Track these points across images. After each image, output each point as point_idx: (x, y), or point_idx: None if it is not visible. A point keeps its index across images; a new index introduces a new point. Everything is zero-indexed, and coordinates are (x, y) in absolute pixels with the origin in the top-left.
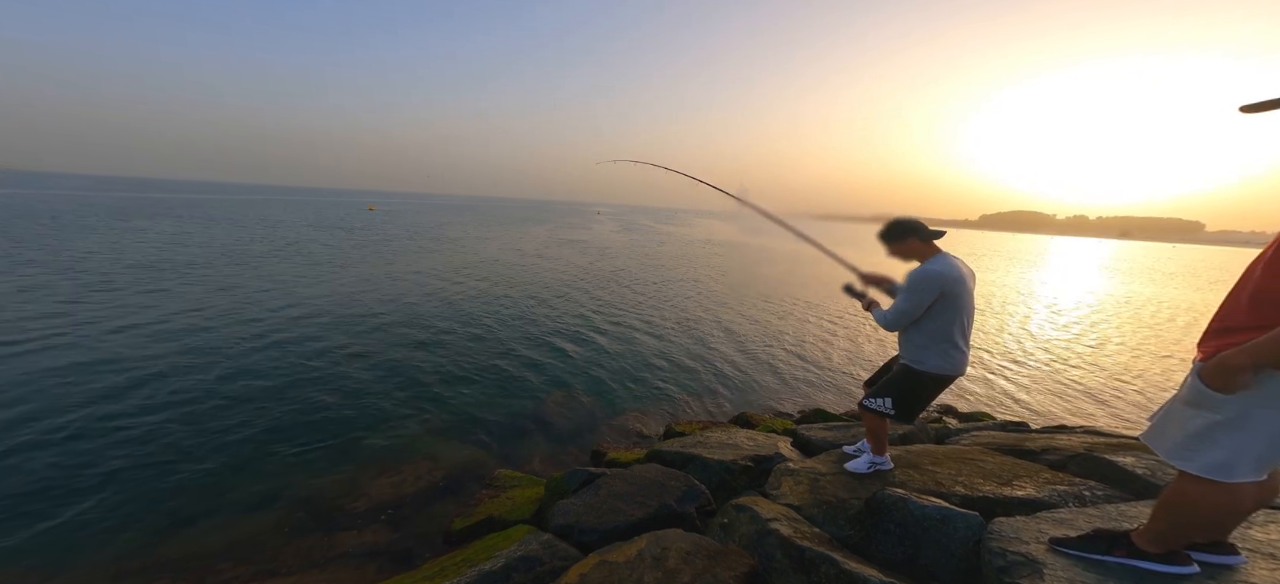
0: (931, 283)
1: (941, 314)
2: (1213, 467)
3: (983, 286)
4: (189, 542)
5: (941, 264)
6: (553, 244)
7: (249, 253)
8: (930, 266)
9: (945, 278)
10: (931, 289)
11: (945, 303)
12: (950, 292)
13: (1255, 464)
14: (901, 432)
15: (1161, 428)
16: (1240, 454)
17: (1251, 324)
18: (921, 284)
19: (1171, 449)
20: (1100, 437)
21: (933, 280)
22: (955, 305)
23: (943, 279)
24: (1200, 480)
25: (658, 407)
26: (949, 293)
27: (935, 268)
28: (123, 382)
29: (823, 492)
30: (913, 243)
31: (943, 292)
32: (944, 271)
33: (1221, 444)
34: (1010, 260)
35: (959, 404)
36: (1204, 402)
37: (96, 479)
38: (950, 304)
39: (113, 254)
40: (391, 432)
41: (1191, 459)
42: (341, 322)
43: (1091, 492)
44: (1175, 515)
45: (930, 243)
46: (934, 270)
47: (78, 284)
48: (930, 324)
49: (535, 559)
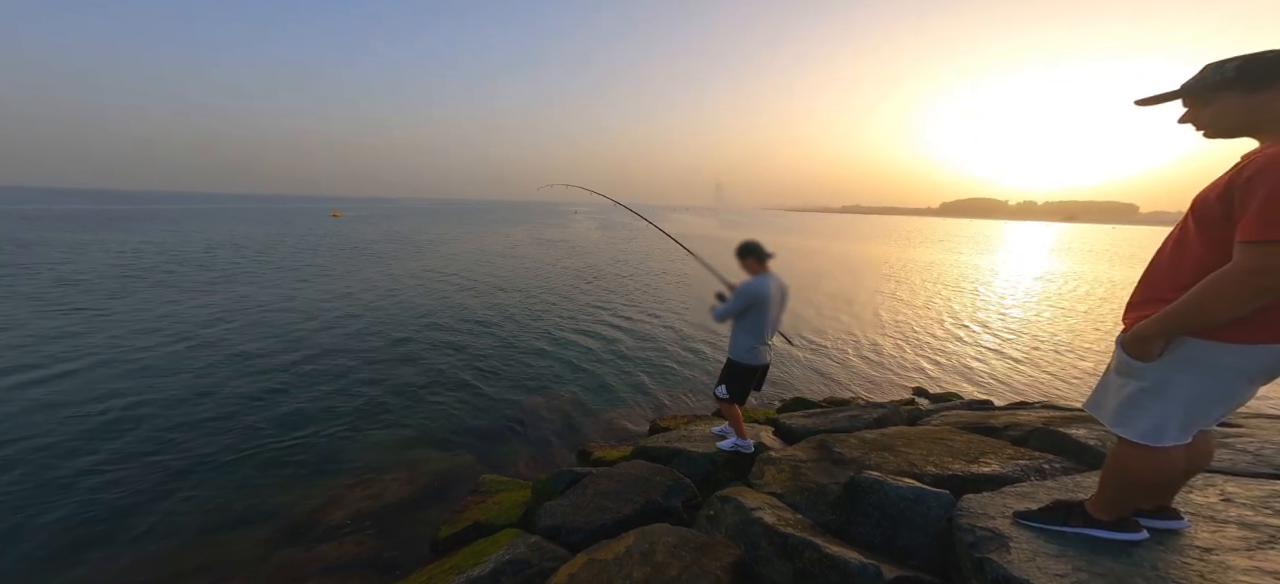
0: (745, 293)
1: (752, 318)
2: (1144, 432)
3: (947, 272)
4: (164, 559)
5: (758, 281)
6: (530, 244)
7: (213, 263)
8: (750, 282)
9: (759, 293)
10: (745, 298)
11: (755, 310)
12: (760, 301)
13: (1180, 427)
14: (876, 416)
15: (1100, 398)
16: (1166, 418)
17: (1167, 295)
18: (740, 293)
19: (1110, 417)
20: (1056, 410)
21: (747, 292)
22: (762, 313)
23: (756, 293)
24: (1134, 446)
25: (642, 404)
26: (758, 304)
27: (752, 284)
28: (92, 397)
29: (804, 478)
30: (750, 262)
31: (755, 302)
32: (759, 288)
33: (1148, 410)
34: (968, 245)
35: (929, 386)
36: (1128, 370)
37: (69, 497)
38: (759, 312)
39: (64, 267)
40: (371, 441)
41: (1127, 426)
42: (313, 332)
43: (1050, 464)
44: (1118, 482)
45: (762, 263)
46: (750, 285)
47: (39, 299)
48: (743, 324)
49: (524, 562)
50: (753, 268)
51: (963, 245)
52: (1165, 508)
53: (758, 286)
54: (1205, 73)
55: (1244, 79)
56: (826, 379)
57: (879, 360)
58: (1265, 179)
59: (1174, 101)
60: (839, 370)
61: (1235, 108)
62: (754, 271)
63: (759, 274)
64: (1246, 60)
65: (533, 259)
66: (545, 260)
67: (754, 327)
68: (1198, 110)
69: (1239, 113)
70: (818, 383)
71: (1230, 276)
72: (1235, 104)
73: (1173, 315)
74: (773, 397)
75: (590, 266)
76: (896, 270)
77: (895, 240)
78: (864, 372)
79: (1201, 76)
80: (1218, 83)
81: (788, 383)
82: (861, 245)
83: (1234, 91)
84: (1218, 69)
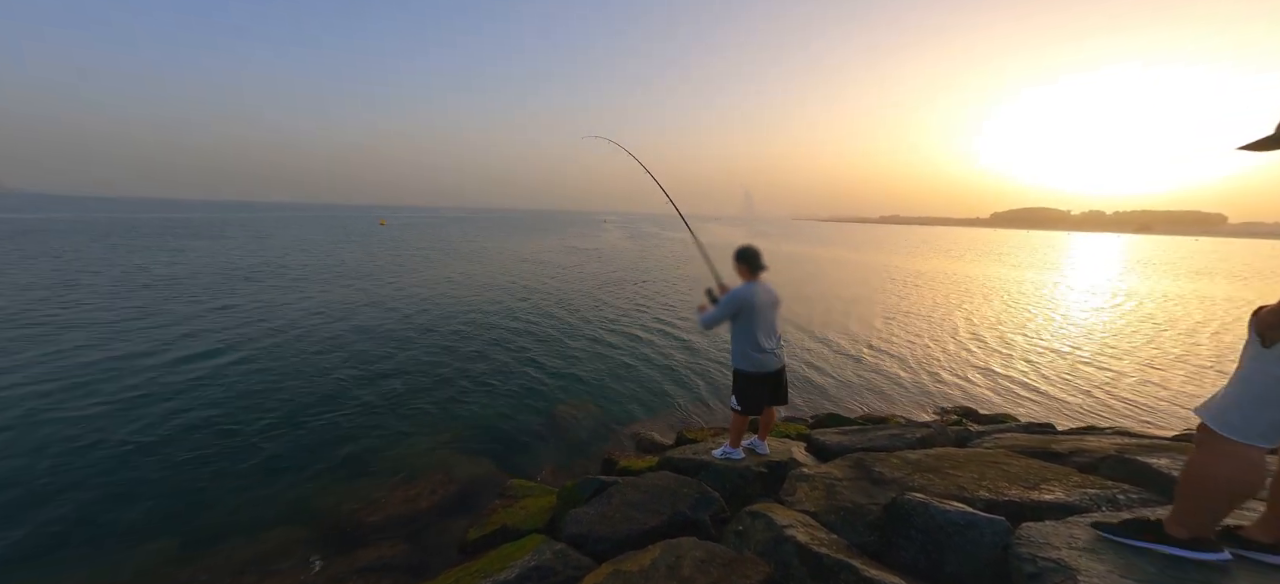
0: (733, 301)
1: (742, 325)
2: (1229, 426)
3: (1000, 285)
4: (214, 554)
5: (747, 289)
6: (562, 252)
7: (263, 270)
8: (739, 289)
9: (744, 299)
10: (733, 305)
11: (745, 318)
12: (746, 309)
13: (1268, 429)
14: (920, 435)
15: (1209, 399)
16: (1256, 416)
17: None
18: (727, 300)
19: (1209, 412)
20: (1132, 438)
21: (734, 299)
22: (750, 319)
23: (741, 300)
24: (1215, 448)
25: (669, 414)
26: (745, 310)
27: (737, 292)
28: (136, 397)
29: (840, 497)
30: (742, 268)
31: (740, 308)
32: (744, 295)
33: (1241, 406)
34: (1026, 258)
35: (979, 406)
36: (1245, 360)
37: (121, 491)
38: (747, 318)
39: (125, 273)
40: (407, 444)
41: (1217, 418)
42: (356, 337)
43: (1125, 495)
44: (1197, 490)
45: (753, 272)
46: (737, 292)
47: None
48: (736, 334)
49: (548, 569)
50: (743, 274)
51: (1021, 258)
52: None
53: (742, 294)
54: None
55: None
56: (864, 395)
57: (922, 377)
58: None
59: None
60: (878, 387)
61: None
62: (744, 277)
63: (747, 282)
64: None
65: (564, 267)
66: (576, 268)
67: (746, 333)
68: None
69: None
70: (853, 399)
71: None
72: None
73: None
74: (805, 411)
75: (620, 275)
76: (940, 283)
77: (941, 252)
78: (906, 389)
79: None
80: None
81: (821, 398)
82: (903, 258)
83: None
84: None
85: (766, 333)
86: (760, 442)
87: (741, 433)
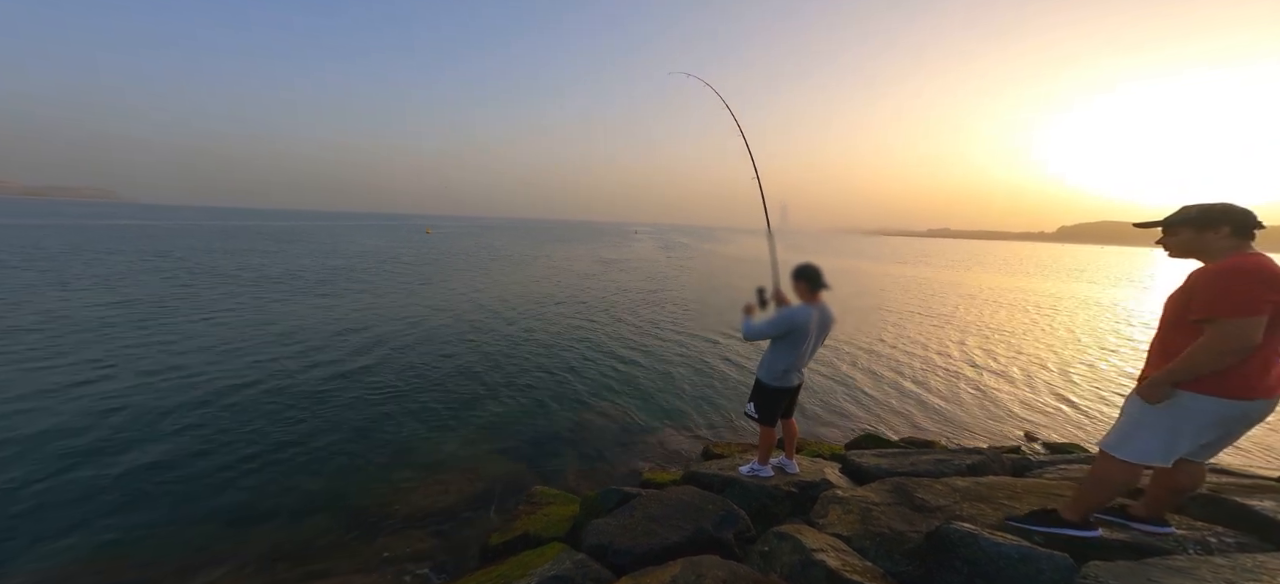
0: (785, 319)
1: (788, 344)
2: (1134, 453)
3: (1072, 304)
4: (252, 540)
5: (801, 310)
6: (594, 262)
7: (322, 272)
8: (792, 309)
9: (797, 322)
10: (785, 325)
11: (793, 338)
12: (798, 331)
13: (1162, 453)
14: (970, 462)
15: (1107, 433)
16: (1152, 445)
17: (1164, 363)
18: (779, 318)
19: (1111, 443)
20: (1228, 476)
21: (787, 318)
22: (799, 341)
23: (793, 321)
24: (1119, 462)
25: (695, 427)
26: (797, 332)
27: (794, 312)
28: (190, 387)
29: (876, 522)
30: (801, 286)
31: (793, 328)
32: (800, 317)
33: (1140, 439)
34: (1103, 275)
35: (1042, 434)
36: (1135, 408)
37: (165, 478)
38: (796, 339)
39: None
40: (438, 442)
41: (1122, 449)
42: (396, 336)
43: (1219, 538)
44: (1098, 489)
45: (814, 292)
46: (791, 312)
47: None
48: (778, 348)
49: (567, 579)
50: (803, 293)
51: (1096, 275)
52: (1157, 517)
53: (798, 315)
54: (1180, 212)
55: (1196, 222)
56: (906, 416)
57: (975, 400)
58: (1202, 283)
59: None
60: (923, 407)
61: (1188, 241)
62: (803, 297)
63: (806, 302)
64: (1202, 209)
65: (596, 277)
66: (607, 278)
67: (789, 352)
68: (1167, 238)
69: (1189, 245)
70: (895, 420)
71: (1203, 342)
72: (1188, 237)
73: (1174, 370)
74: (839, 432)
75: (651, 286)
76: (1000, 299)
77: (997, 266)
78: (954, 411)
79: (1178, 214)
80: (1180, 222)
81: (856, 416)
82: (954, 272)
83: (1188, 229)
84: (1183, 212)
85: (808, 354)
86: (790, 461)
87: (770, 449)
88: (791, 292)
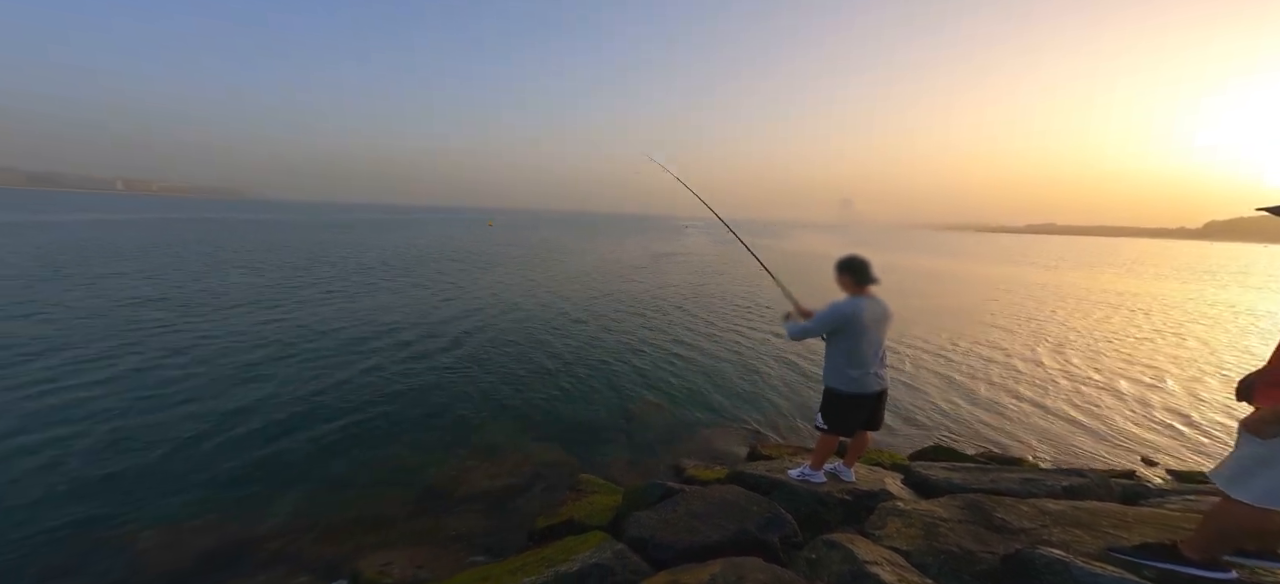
0: (832, 315)
1: (841, 342)
2: (1257, 496)
3: (1208, 310)
4: (331, 512)
5: (847, 304)
6: (648, 256)
7: (398, 262)
8: (842, 303)
9: (846, 315)
10: (831, 321)
11: (845, 334)
12: (850, 326)
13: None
14: (1068, 483)
15: (1220, 466)
16: (1276, 484)
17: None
18: (826, 315)
19: (1224, 481)
20: None
21: (834, 314)
22: (853, 338)
23: (842, 316)
24: (1243, 505)
25: (744, 426)
26: (848, 327)
27: (839, 307)
28: (310, 369)
29: (942, 539)
30: (846, 279)
31: (842, 325)
32: (847, 310)
33: (1261, 478)
34: (1266, 280)
35: (1167, 459)
36: (1249, 443)
37: (258, 451)
38: (849, 336)
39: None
40: (496, 426)
41: (1240, 488)
42: (463, 321)
43: None
44: (1220, 531)
45: (860, 286)
46: (839, 307)
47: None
48: (833, 350)
49: (608, 568)
50: (847, 286)
51: (1256, 276)
52: (1269, 551)
53: (844, 309)
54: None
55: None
56: (986, 430)
57: (1079, 415)
58: None
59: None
60: (1011, 420)
61: None
62: (848, 290)
63: (853, 296)
64: None
65: (650, 270)
66: (661, 272)
67: (847, 352)
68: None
69: None
70: (972, 432)
71: None
72: None
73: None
74: (903, 441)
75: (703, 280)
76: (1120, 302)
77: (1120, 267)
78: (1050, 426)
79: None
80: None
81: (925, 426)
82: (1064, 274)
83: None
84: None
85: (871, 352)
86: (846, 468)
87: (826, 456)
88: (837, 287)
